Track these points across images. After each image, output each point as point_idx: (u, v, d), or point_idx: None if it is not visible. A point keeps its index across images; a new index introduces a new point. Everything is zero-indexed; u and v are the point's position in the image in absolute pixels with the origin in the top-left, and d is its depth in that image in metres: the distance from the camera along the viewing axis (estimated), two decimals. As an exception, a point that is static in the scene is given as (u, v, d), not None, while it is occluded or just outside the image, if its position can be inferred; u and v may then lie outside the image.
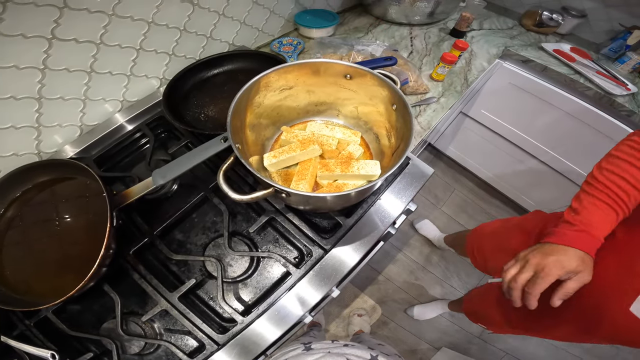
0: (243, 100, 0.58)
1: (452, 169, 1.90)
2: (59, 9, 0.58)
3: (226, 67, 0.86)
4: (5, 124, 0.63)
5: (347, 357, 0.52)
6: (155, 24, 0.73)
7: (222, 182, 0.49)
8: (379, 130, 0.68)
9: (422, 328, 1.45)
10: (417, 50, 1.07)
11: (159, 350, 0.58)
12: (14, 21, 0.55)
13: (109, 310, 0.58)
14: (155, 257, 0.64)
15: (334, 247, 0.61)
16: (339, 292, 0.63)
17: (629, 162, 0.51)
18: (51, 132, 0.71)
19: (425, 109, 0.87)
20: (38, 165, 0.63)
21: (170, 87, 0.76)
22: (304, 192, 0.49)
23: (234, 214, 0.67)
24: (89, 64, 0.68)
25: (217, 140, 0.56)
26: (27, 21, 0.56)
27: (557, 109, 1.15)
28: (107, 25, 0.66)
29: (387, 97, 0.61)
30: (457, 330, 1.46)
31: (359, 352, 0.56)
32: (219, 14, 0.84)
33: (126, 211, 0.63)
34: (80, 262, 0.52)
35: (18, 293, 0.56)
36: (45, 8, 0.56)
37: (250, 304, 0.60)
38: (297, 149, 0.61)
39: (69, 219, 0.62)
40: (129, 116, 0.79)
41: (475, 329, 1.46)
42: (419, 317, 1.44)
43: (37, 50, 0.60)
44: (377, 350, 0.59)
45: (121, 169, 0.74)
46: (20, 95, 0.62)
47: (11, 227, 0.61)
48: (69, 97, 0.70)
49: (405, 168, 0.69)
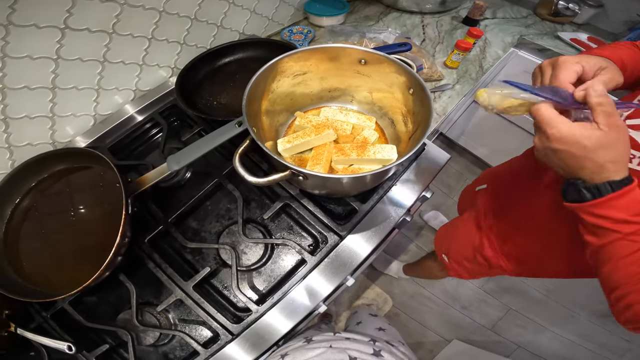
0: (258, 84, 0.57)
1: (465, 158, 1.87)
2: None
3: (237, 55, 0.86)
4: (19, 114, 0.63)
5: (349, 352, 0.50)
6: (166, 12, 0.73)
7: (239, 165, 0.48)
8: (394, 116, 0.66)
9: (433, 320, 1.44)
10: (430, 38, 1.05)
11: (174, 341, 0.58)
12: (27, 11, 0.55)
13: (124, 301, 0.58)
14: (170, 245, 0.63)
15: (349, 234, 0.60)
16: (354, 281, 0.63)
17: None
18: (65, 122, 0.71)
19: (441, 96, 0.85)
20: (53, 154, 0.63)
21: (183, 76, 0.76)
22: (322, 173, 0.48)
23: (248, 200, 0.66)
24: (102, 53, 0.68)
25: (232, 124, 0.55)
26: (40, 11, 0.56)
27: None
28: (119, 15, 0.66)
29: (404, 82, 0.60)
30: (470, 323, 1.44)
31: (361, 346, 0.55)
32: (229, 3, 0.83)
33: (141, 199, 0.63)
34: (96, 252, 0.52)
35: (35, 284, 0.56)
36: (57, -3, 0.56)
37: (265, 292, 0.60)
38: (312, 133, 0.60)
39: (84, 209, 0.62)
40: (142, 105, 0.79)
41: (487, 321, 1.44)
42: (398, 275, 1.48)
43: (50, 40, 0.60)
44: (380, 341, 0.58)
45: (135, 157, 0.74)
46: (34, 85, 0.62)
47: (27, 217, 0.61)
48: (82, 87, 0.70)
49: (421, 154, 0.68)
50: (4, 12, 0.52)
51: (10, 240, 0.59)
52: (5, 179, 0.59)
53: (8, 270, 0.57)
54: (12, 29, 0.55)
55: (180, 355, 0.57)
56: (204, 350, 0.54)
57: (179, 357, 0.57)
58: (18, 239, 0.60)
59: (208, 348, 0.54)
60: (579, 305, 1.49)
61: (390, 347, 0.57)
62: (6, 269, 0.57)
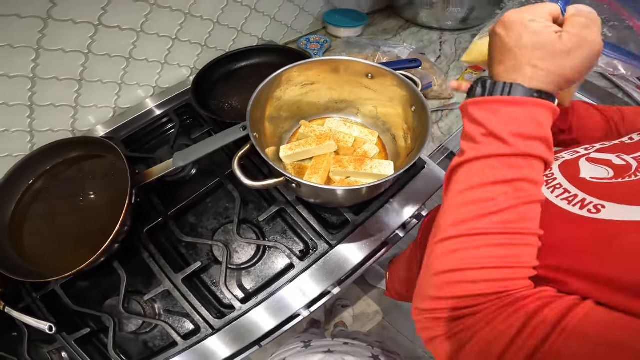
0: (264, 92, 0.59)
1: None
2: (109, -4, 0.62)
3: (253, 60, 0.89)
4: (45, 102, 0.68)
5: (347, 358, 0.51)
6: (191, 15, 0.77)
7: (237, 168, 0.50)
8: (396, 132, 0.67)
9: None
10: (446, 55, 1.05)
11: (155, 331, 0.60)
12: (66, 6, 0.59)
13: (114, 288, 0.60)
14: (167, 237, 0.66)
15: (340, 244, 0.61)
16: (340, 290, 0.63)
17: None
18: (87, 112, 0.76)
19: (448, 115, 0.85)
20: (71, 141, 0.67)
21: (200, 77, 0.79)
22: (313, 183, 0.49)
23: (246, 201, 0.69)
24: (128, 50, 0.73)
25: (237, 128, 0.58)
26: (78, 7, 0.61)
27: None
28: (149, 14, 0.70)
29: (407, 98, 0.61)
30: None
31: (359, 351, 0.56)
32: (250, 9, 0.87)
33: (145, 191, 0.66)
34: (96, 237, 0.54)
35: (32, 265, 0.58)
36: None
37: (251, 292, 0.62)
38: (313, 143, 0.62)
39: (93, 196, 0.65)
40: (159, 102, 0.83)
41: None
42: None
43: (83, 35, 0.65)
44: (378, 346, 0.59)
45: (146, 150, 0.78)
46: (63, 77, 0.67)
47: (37, 199, 0.65)
48: (107, 81, 0.75)
49: (420, 172, 0.68)
50: (45, 5, 0.57)
51: (17, 220, 0.62)
52: (22, 161, 0.63)
53: (9, 250, 0.59)
54: (51, 23, 0.59)
55: (159, 345, 0.59)
56: (183, 342, 0.55)
57: (158, 346, 0.59)
58: (24, 220, 0.63)
59: (187, 340, 0.55)
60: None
61: (388, 353, 0.58)
62: (8, 248, 0.59)
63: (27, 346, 0.56)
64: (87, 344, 0.59)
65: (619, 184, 0.30)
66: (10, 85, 0.61)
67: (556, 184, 0.35)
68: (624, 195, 0.28)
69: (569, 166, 0.37)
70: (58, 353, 0.59)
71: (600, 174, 0.33)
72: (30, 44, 0.59)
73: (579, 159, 0.37)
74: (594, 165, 0.35)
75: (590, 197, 0.30)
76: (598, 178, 0.32)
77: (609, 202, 0.28)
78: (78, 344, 0.56)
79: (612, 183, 0.31)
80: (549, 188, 0.35)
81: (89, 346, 0.59)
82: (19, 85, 0.63)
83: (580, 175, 0.34)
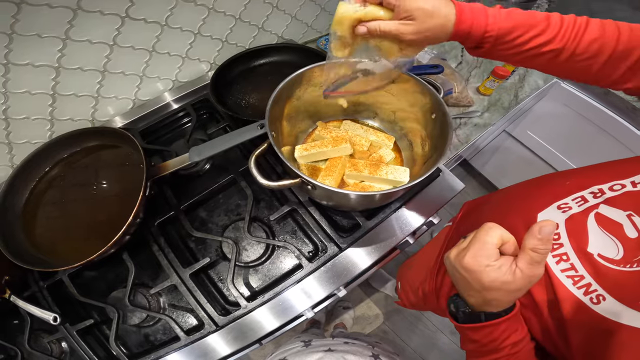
0: (284, 91, 0.59)
1: (485, 189, 1.80)
2: (136, -10, 0.63)
3: (272, 58, 0.89)
4: (68, 91, 0.69)
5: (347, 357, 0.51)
6: (215, 10, 0.77)
7: (253, 166, 0.50)
8: (413, 138, 0.66)
9: (420, 342, 1.41)
10: (467, 61, 1.03)
11: (158, 324, 0.61)
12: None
13: (121, 280, 0.61)
14: (177, 231, 0.67)
15: (349, 247, 0.61)
16: (345, 292, 0.63)
17: None
18: (107, 103, 0.78)
19: (466, 122, 0.84)
20: (89, 131, 0.69)
21: (219, 72, 0.79)
22: (329, 186, 0.49)
23: (258, 200, 0.69)
24: (152, 44, 0.74)
25: (254, 126, 0.58)
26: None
27: (614, 139, 1.05)
28: (174, 8, 0.71)
29: (428, 105, 0.60)
30: (455, 350, 1.40)
31: (359, 349, 0.55)
32: (272, 6, 0.87)
33: (159, 183, 0.67)
34: (107, 227, 0.54)
35: (42, 253, 0.59)
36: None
37: (257, 290, 0.62)
38: (329, 144, 0.62)
39: (106, 185, 0.66)
40: (177, 95, 0.84)
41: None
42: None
43: (109, 27, 0.65)
44: (378, 346, 0.58)
45: (162, 143, 0.78)
46: (87, 67, 0.68)
47: (52, 186, 0.65)
48: (129, 73, 0.76)
49: (435, 180, 0.67)
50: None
51: (31, 206, 0.63)
52: (41, 148, 0.65)
53: (21, 236, 0.60)
54: (80, 14, 0.60)
55: (161, 339, 0.59)
56: (186, 337, 0.56)
57: (160, 340, 0.59)
58: (38, 206, 0.63)
59: (190, 335, 0.56)
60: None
61: (388, 353, 0.57)
62: (19, 235, 0.60)
63: (28, 335, 0.57)
64: (88, 335, 0.59)
65: (625, 273, 0.32)
66: (35, 74, 0.63)
67: (562, 254, 0.37)
68: (625, 289, 0.31)
69: (577, 225, 0.38)
70: (58, 343, 0.59)
71: (610, 250, 0.34)
72: (58, 34, 0.60)
73: (588, 213, 0.38)
74: (603, 234, 0.36)
75: (595, 282, 0.34)
76: (607, 259, 0.34)
77: (609, 295, 0.32)
78: (79, 335, 0.57)
79: (619, 271, 0.33)
80: (554, 257, 0.37)
81: (90, 337, 0.59)
82: (44, 74, 0.64)
83: (588, 247, 0.36)
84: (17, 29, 0.55)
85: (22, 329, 0.58)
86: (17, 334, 0.59)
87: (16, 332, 0.59)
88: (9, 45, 0.56)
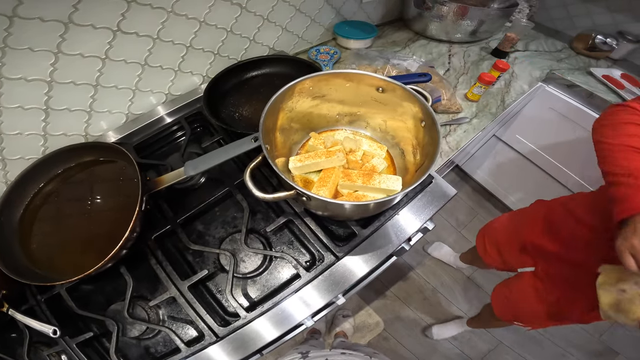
0: (277, 103, 0.60)
1: (479, 193, 1.83)
2: (127, 3, 0.64)
3: (264, 70, 0.90)
4: (61, 106, 0.69)
5: None
6: (206, 23, 0.78)
7: (248, 179, 0.51)
8: (405, 146, 0.68)
9: (422, 349, 1.42)
10: (455, 68, 1.06)
11: (158, 337, 0.60)
12: (87, 11, 0.60)
13: (119, 293, 0.60)
14: (174, 245, 0.67)
15: (346, 256, 0.62)
16: (344, 300, 0.64)
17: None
18: (100, 117, 0.77)
19: (456, 129, 0.86)
20: (83, 146, 0.68)
21: (212, 85, 0.80)
22: (323, 197, 0.50)
23: (254, 212, 0.69)
24: (144, 57, 0.74)
25: (249, 139, 0.59)
26: (98, 12, 0.62)
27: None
28: (165, 22, 0.71)
29: (417, 113, 0.61)
30: (458, 354, 1.41)
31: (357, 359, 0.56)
32: (263, 19, 0.88)
33: (154, 197, 0.67)
34: (103, 242, 0.54)
35: (39, 267, 0.59)
36: (116, 0, 0.62)
37: (256, 301, 0.62)
38: (322, 155, 0.63)
39: (101, 200, 0.66)
40: (171, 109, 0.84)
41: (475, 354, 1.41)
42: (438, 337, 1.41)
43: (101, 40, 0.66)
44: (374, 358, 0.59)
45: (156, 157, 0.79)
46: (79, 81, 0.68)
47: (47, 201, 0.65)
48: (121, 87, 0.76)
49: (428, 187, 0.69)
50: (67, 10, 0.58)
51: (26, 222, 0.63)
52: (35, 164, 0.64)
53: (17, 251, 0.59)
54: (72, 27, 0.60)
55: (162, 351, 0.59)
56: (186, 349, 0.55)
57: (160, 352, 0.59)
58: (34, 222, 0.63)
59: (191, 347, 0.56)
60: (574, 346, 1.43)
61: None
62: (16, 250, 0.60)
63: (27, 348, 0.56)
64: (88, 348, 0.59)
65: None
66: (28, 88, 0.62)
67: None
68: None
69: None
70: (58, 356, 0.59)
71: None
72: (50, 47, 0.60)
73: None
74: None
75: None
76: None
77: None
78: (79, 348, 0.56)
79: None
80: None
81: (90, 350, 0.59)
82: (36, 88, 0.64)
83: None
84: (10, 42, 0.55)
85: (20, 341, 0.57)
86: (16, 347, 0.58)
87: (15, 345, 0.59)
88: (2, 59, 0.56)
